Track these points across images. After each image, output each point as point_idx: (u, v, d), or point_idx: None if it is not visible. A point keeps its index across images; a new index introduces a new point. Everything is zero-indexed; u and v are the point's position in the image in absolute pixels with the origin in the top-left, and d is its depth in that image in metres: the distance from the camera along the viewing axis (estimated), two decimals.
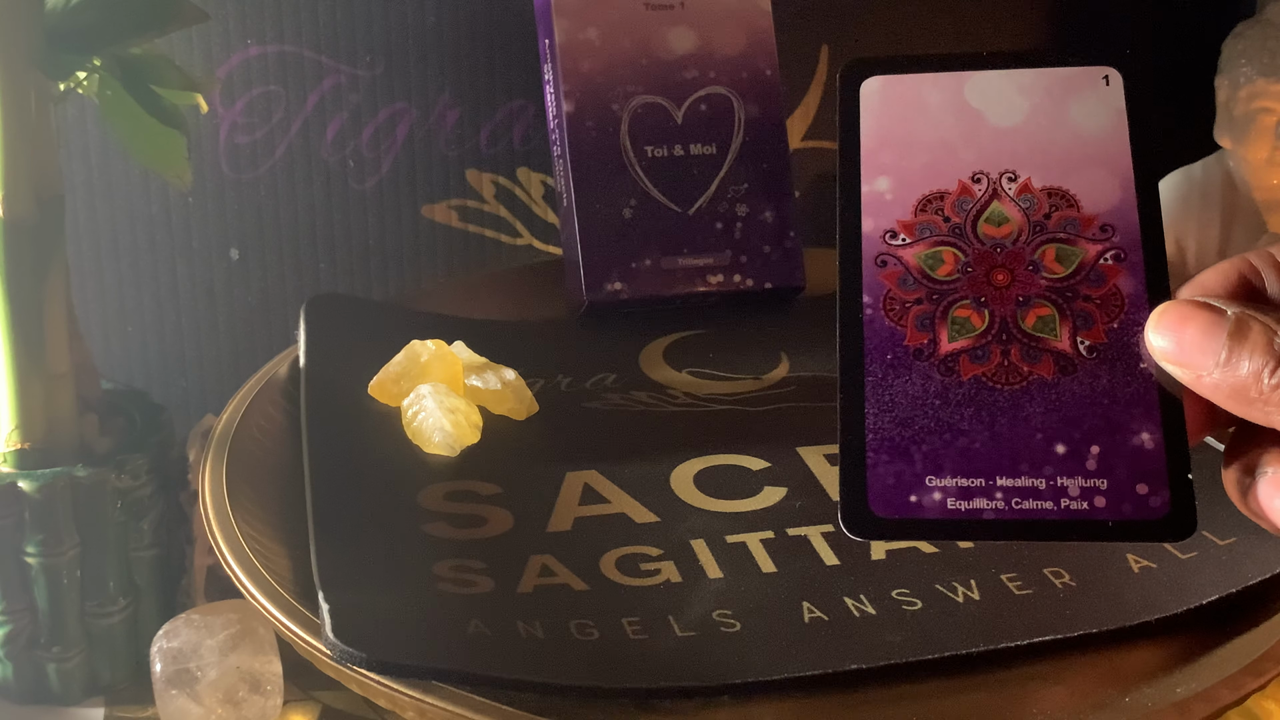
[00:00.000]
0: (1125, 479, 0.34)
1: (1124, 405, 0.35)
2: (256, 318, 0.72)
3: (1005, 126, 0.37)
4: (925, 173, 0.37)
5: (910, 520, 0.35)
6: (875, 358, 0.36)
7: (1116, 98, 0.37)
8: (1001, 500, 0.34)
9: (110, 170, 0.68)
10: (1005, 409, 0.35)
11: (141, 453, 0.55)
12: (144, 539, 0.55)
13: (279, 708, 0.51)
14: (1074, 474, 0.34)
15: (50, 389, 0.53)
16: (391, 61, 0.71)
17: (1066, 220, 0.36)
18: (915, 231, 0.37)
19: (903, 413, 0.35)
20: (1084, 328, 0.35)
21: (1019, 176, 0.37)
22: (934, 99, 0.38)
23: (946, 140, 0.37)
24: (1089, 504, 0.34)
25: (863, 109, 0.38)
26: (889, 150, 0.37)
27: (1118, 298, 0.36)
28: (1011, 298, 0.36)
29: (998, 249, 0.36)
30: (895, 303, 0.36)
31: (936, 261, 0.36)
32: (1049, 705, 0.41)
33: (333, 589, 0.44)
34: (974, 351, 0.36)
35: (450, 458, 0.53)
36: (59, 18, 0.52)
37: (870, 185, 0.37)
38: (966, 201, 0.37)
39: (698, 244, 0.64)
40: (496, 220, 0.75)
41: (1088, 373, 0.35)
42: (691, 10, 0.65)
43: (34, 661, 0.54)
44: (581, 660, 0.42)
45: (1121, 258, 0.36)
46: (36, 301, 0.53)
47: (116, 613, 0.55)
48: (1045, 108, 0.37)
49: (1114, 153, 0.37)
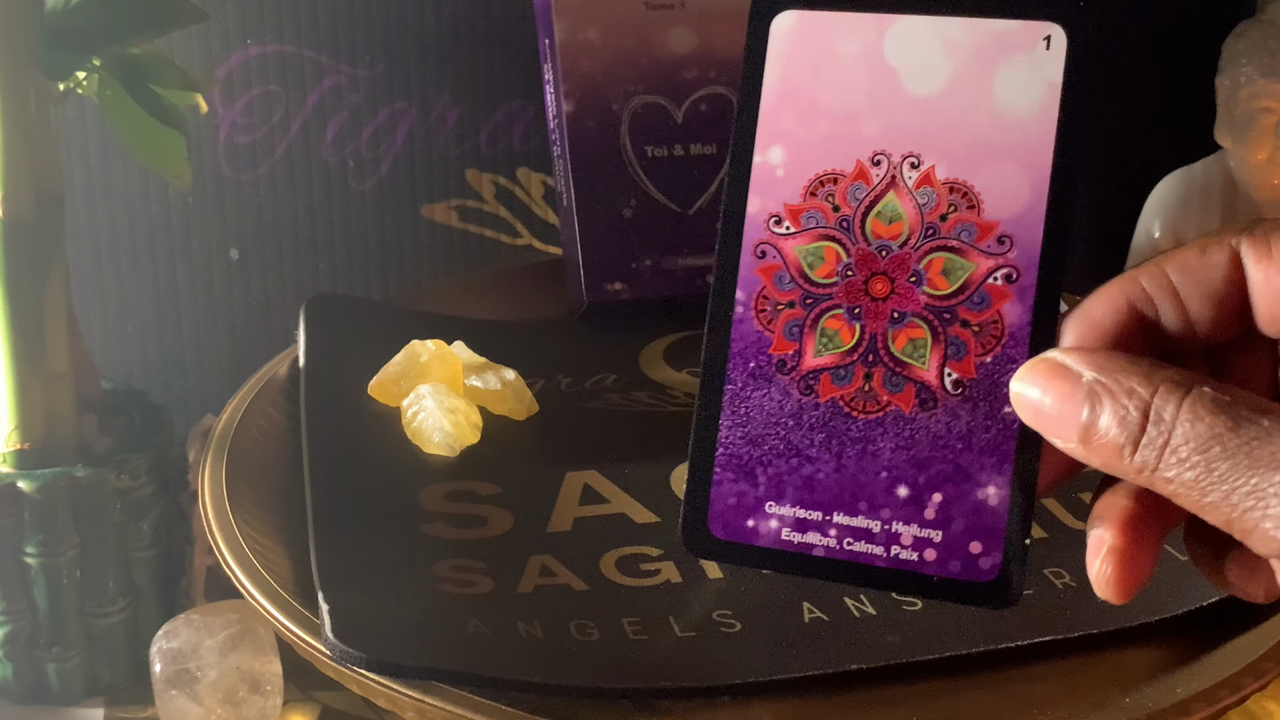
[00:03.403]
0: (960, 534, 0.32)
1: (977, 453, 0.32)
2: (256, 318, 0.72)
3: (919, 95, 0.33)
4: (823, 146, 0.33)
5: (744, 546, 0.33)
6: (738, 364, 0.33)
7: (1054, 67, 0.33)
8: (834, 538, 0.33)
9: (110, 170, 0.68)
10: (856, 440, 0.33)
11: (141, 453, 0.55)
12: (144, 539, 0.55)
13: (279, 708, 0.51)
14: (910, 521, 0.32)
15: (50, 389, 0.53)
16: (391, 61, 0.71)
17: (962, 225, 0.33)
18: (801, 220, 0.33)
19: (756, 429, 0.33)
20: (954, 358, 0.32)
21: (922, 163, 0.33)
22: (849, 47, 0.34)
23: (852, 107, 0.33)
24: (919, 555, 0.32)
25: (770, 53, 0.34)
26: (789, 113, 0.34)
27: (998, 327, 0.32)
28: (886, 313, 0.33)
29: (883, 251, 0.33)
30: (768, 303, 0.33)
31: (817, 259, 0.33)
32: (1049, 705, 0.41)
33: (332, 589, 0.44)
34: (837, 370, 0.33)
35: (450, 458, 0.53)
36: (59, 18, 0.52)
37: (763, 155, 0.34)
38: (860, 189, 0.33)
39: (698, 244, 0.64)
40: (496, 220, 0.75)
41: (947, 411, 0.32)
42: (691, 10, 0.65)
43: (34, 661, 0.54)
44: (581, 660, 0.42)
45: (1013, 278, 0.32)
46: (36, 301, 0.53)
47: (116, 613, 0.55)
48: (969, 74, 0.33)
49: (1034, 142, 0.33)
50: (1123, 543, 0.31)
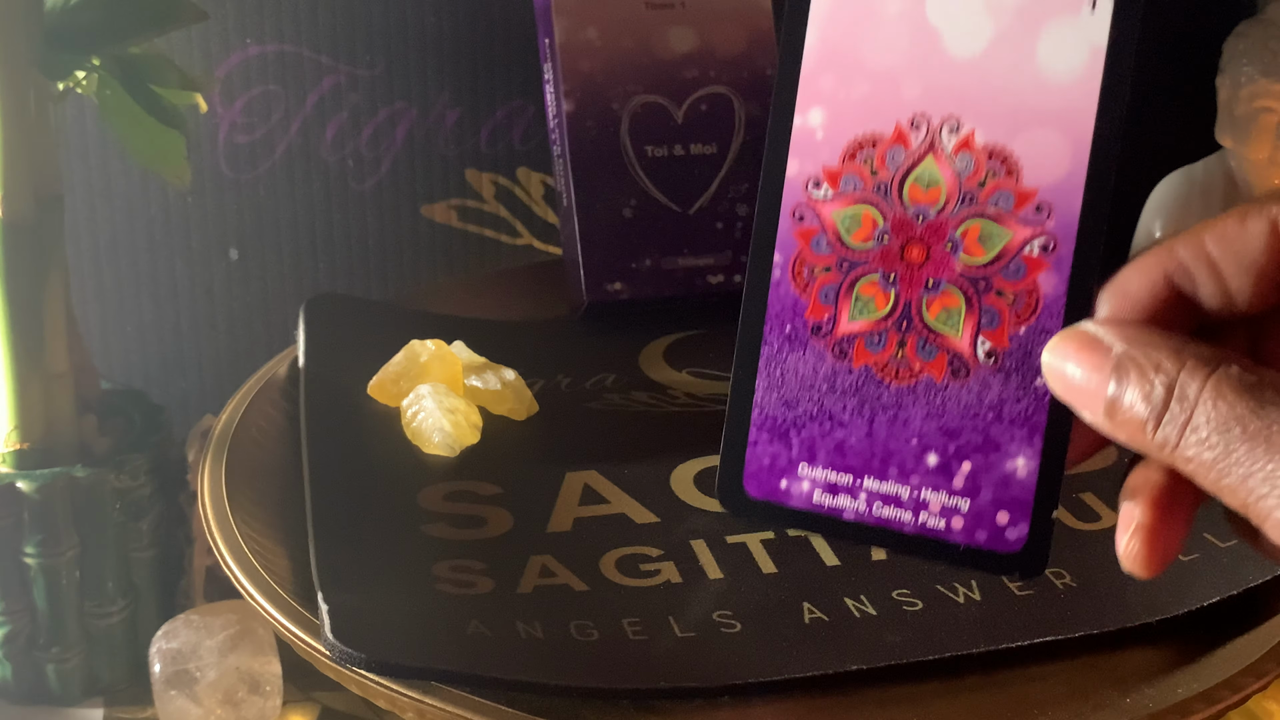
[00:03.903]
0: (988, 503, 0.32)
1: (1008, 423, 0.32)
2: (256, 318, 0.72)
3: (961, 58, 0.32)
4: (863, 108, 0.33)
5: (777, 506, 0.33)
6: (775, 327, 0.33)
7: (1099, 32, 0.32)
8: (864, 502, 0.33)
9: (110, 170, 0.68)
10: (888, 406, 0.33)
11: (140, 453, 0.55)
12: (143, 539, 0.55)
13: (278, 708, 0.51)
14: (939, 488, 0.33)
15: (49, 389, 0.53)
16: (391, 61, 0.71)
17: (1000, 193, 0.32)
18: (840, 184, 0.33)
19: (790, 392, 0.33)
20: (988, 327, 0.32)
21: (961, 127, 0.32)
22: (892, 6, 0.33)
23: (893, 68, 0.33)
24: (946, 523, 0.32)
25: (813, 9, 0.33)
26: (830, 73, 0.33)
27: (1033, 297, 0.32)
28: (921, 280, 0.33)
29: (920, 217, 0.33)
30: (804, 267, 0.33)
31: (854, 224, 0.33)
32: (1049, 705, 0.41)
33: (332, 589, 0.44)
34: (870, 336, 0.33)
35: (450, 458, 0.53)
36: (58, 17, 0.52)
37: (804, 117, 0.33)
38: (899, 153, 0.33)
39: (698, 244, 0.64)
40: (496, 220, 0.75)
41: (979, 380, 0.32)
42: (692, 9, 0.65)
43: (33, 662, 0.54)
44: (581, 661, 0.42)
45: (1049, 248, 0.32)
46: (36, 301, 0.53)
47: (115, 613, 0.55)
48: (1012, 36, 0.32)
49: (1077, 109, 0.32)
50: (1152, 519, 0.31)
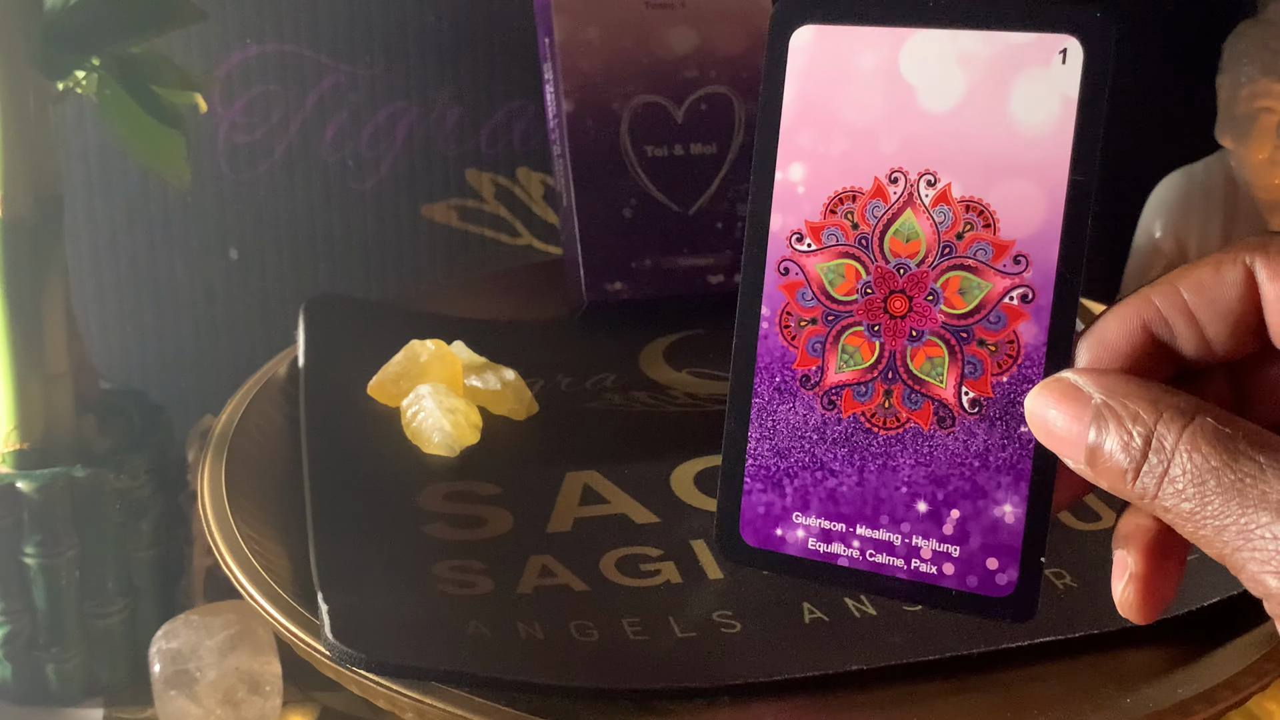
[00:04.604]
0: (977, 550, 0.33)
1: (994, 471, 0.33)
2: (256, 318, 0.72)
3: (936, 112, 0.33)
4: (842, 163, 0.34)
5: (773, 554, 0.34)
6: (765, 379, 0.34)
7: (1070, 83, 0.32)
8: (857, 550, 0.34)
9: (109, 170, 0.68)
10: (877, 455, 0.34)
11: (140, 453, 0.55)
12: (143, 539, 0.55)
13: (278, 709, 0.51)
14: (929, 535, 0.33)
15: (49, 389, 0.53)
16: (391, 61, 0.71)
17: (979, 244, 0.33)
18: (822, 237, 0.34)
19: (782, 442, 0.34)
20: (971, 376, 0.33)
21: (938, 181, 0.33)
22: (867, 61, 0.33)
23: (869, 123, 0.33)
24: (938, 569, 0.33)
25: (790, 68, 0.34)
26: (809, 129, 0.34)
27: (1014, 347, 0.32)
28: (905, 330, 0.33)
29: (901, 269, 0.33)
30: (791, 319, 0.34)
31: (837, 277, 0.34)
32: (1049, 705, 0.41)
33: (332, 590, 0.44)
34: (858, 387, 0.34)
35: (450, 458, 0.53)
36: (58, 17, 0.52)
37: (784, 172, 0.34)
38: (878, 207, 0.33)
39: (698, 244, 0.64)
40: (496, 220, 0.75)
41: (964, 429, 0.33)
42: (692, 9, 0.65)
43: (33, 662, 0.54)
44: (581, 661, 0.42)
45: (1029, 298, 0.32)
46: (35, 301, 0.52)
47: (115, 613, 0.55)
48: (984, 89, 0.33)
49: (1050, 160, 0.32)
50: (1145, 568, 0.32)
